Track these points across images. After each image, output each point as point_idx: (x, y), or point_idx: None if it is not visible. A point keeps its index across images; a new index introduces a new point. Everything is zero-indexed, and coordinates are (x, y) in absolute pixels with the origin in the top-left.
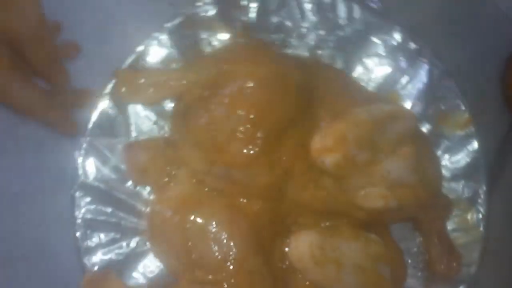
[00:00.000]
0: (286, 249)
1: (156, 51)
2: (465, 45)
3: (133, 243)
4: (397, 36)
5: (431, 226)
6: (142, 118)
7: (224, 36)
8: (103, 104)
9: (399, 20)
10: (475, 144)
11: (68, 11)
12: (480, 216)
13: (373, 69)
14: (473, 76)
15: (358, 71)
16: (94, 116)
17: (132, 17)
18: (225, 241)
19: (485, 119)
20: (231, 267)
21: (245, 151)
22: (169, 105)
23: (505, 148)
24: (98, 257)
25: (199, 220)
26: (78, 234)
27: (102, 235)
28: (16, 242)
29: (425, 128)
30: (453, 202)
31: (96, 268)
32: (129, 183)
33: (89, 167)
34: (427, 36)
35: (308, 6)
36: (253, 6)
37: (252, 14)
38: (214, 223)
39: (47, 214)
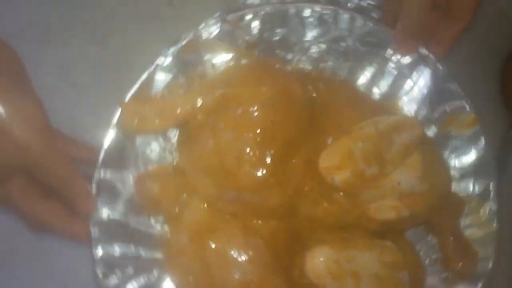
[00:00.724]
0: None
1: (161, 77)
2: (464, 45)
3: (153, 276)
4: None
5: (444, 226)
6: (150, 146)
7: (227, 57)
8: (110, 136)
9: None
10: (482, 142)
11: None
12: (493, 211)
13: (376, 77)
14: (472, 76)
15: (361, 81)
16: (103, 151)
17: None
18: (243, 265)
19: (485, 119)
20: None
21: (254, 174)
22: (176, 131)
23: (505, 148)
24: None
25: (215, 246)
26: (98, 272)
27: (121, 271)
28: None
29: (431, 131)
30: (464, 200)
31: None
32: (144, 214)
33: (103, 202)
34: None
35: (309, 20)
36: (255, 24)
37: (254, 32)
38: (230, 247)
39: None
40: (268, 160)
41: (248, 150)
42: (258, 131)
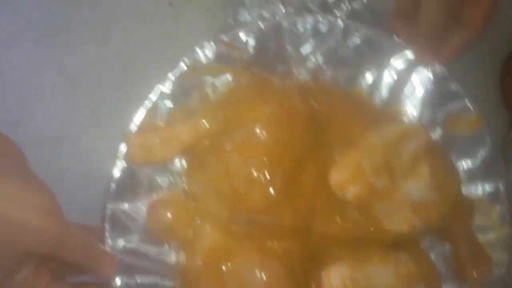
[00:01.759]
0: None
1: (162, 104)
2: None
3: None
4: (396, 47)
5: (456, 232)
6: (160, 173)
7: (227, 78)
8: (119, 168)
9: None
10: (488, 142)
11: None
12: (504, 212)
13: (376, 83)
14: (472, 76)
15: (362, 87)
16: (113, 184)
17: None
18: (261, 286)
19: (485, 120)
20: None
21: (266, 195)
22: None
23: (505, 149)
24: None
25: (232, 269)
26: None
27: None
28: None
29: (437, 133)
30: (475, 203)
31: None
32: (159, 242)
33: (117, 233)
34: None
35: (304, 32)
36: (251, 42)
37: (250, 50)
38: (247, 269)
39: None
40: (278, 180)
41: (257, 172)
42: (265, 151)
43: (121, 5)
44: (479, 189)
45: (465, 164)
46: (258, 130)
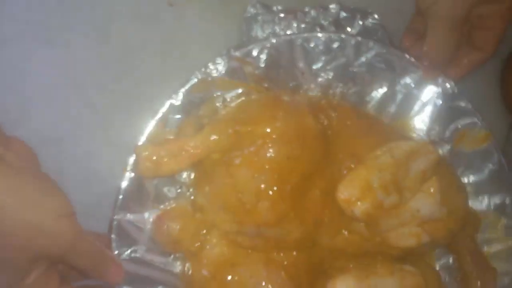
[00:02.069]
0: None
1: (172, 117)
2: None
3: None
4: (407, 64)
5: (461, 244)
6: (166, 185)
7: (237, 92)
8: (127, 179)
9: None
10: (495, 157)
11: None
12: (510, 224)
13: (386, 99)
14: (472, 76)
15: (371, 103)
16: (120, 194)
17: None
18: None
19: (485, 120)
20: None
21: (274, 209)
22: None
23: (505, 149)
24: None
25: (238, 281)
26: None
27: None
28: None
29: (444, 149)
30: (480, 216)
31: None
32: (165, 253)
33: (123, 243)
34: None
35: (316, 49)
36: (263, 57)
37: (262, 65)
38: (254, 281)
39: None
40: (287, 195)
41: (266, 186)
42: (275, 167)
43: (121, 5)
44: (486, 203)
45: (472, 178)
46: (268, 146)
